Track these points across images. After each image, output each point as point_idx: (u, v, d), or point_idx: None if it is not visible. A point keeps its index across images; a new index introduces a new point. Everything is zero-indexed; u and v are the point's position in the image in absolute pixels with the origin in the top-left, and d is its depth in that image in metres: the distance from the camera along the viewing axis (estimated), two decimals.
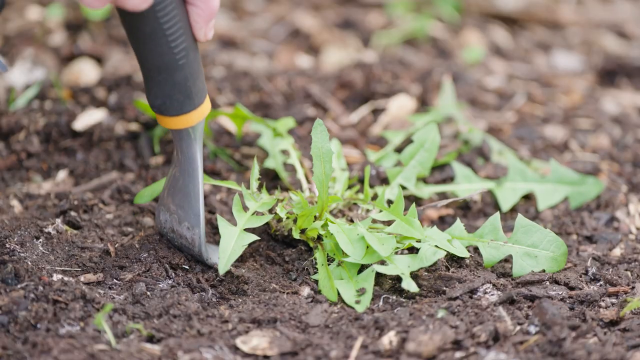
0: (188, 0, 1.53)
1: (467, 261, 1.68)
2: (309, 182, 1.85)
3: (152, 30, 1.50)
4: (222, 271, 1.58)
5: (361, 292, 1.57)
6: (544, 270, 1.64)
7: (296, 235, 1.68)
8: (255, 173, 1.68)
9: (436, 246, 1.61)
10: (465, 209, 1.92)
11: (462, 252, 1.63)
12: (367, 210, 1.74)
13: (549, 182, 1.90)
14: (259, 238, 1.63)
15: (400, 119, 2.16)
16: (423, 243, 1.60)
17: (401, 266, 1.57)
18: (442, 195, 1.90)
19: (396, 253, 1.62)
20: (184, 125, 1.59)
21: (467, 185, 1.88)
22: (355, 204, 1.77)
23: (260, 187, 1.71)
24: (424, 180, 1.91)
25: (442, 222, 1.88)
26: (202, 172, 1.64)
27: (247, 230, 1.63)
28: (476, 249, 1.72)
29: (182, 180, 1.64)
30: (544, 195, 1.89)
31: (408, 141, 1.96)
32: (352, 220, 1.73)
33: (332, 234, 1.63)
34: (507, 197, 1.88)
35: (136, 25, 1.50)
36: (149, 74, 1.55)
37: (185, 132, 1.61)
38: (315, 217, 1.67)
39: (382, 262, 1.60)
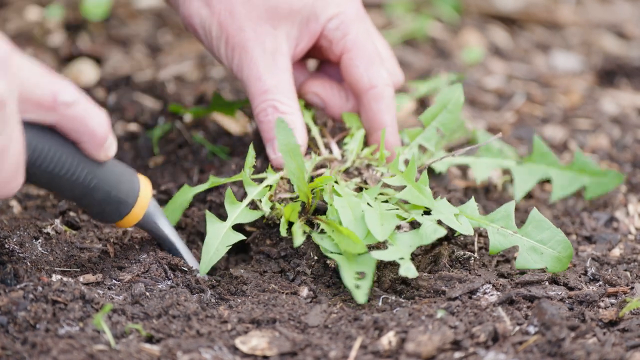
0: (73, 139, 1.48)
1: (472, 261, 1.67)
2: (323, 136, 1.80)
3: (48, 179, 1.48)
4: (202, 272, 1.58)
5: (361, 275, 1.55)
6: (544, 269, 1.63)
7: (283, 231, 1.63)
8: (250, 160, 1.67)
9: (439, 222, 1.57)
10: (485, 192, 1.91)
11: (466, 229, 1.59)
12: (382, 174, 1.71)
13: (570, 170, 1.87)
14: (245, 238, 1.62)
15: (400, 120, 2.16)
16: (425, 218, 1.56)
17: (402, 246, 1.53)
18: (463, 168, 1.88)
19: (398, 227, 1.61)
20: (133, 223, 1.60)
21: (488, 160, 1.85)
22: (370, 164, 1.74)
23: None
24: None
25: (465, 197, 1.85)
26: (180, 240, 1.66)
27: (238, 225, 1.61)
28: (481, 249, 1.71)
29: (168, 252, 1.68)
30: (561, 183, 1.85)
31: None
32: (365, 182, 1.70)
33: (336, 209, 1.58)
34: (525, 179, 1.84)
35: (31, 181, 1.49)
36: (75, 201, 1.55)
37: (140, 223, 1.61)
38: (304, 206, 1.65)
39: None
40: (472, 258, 1.68)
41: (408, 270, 1.51)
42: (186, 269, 1.65)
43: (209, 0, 1.72)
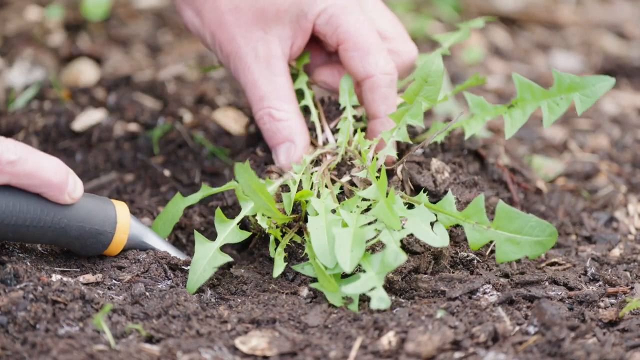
0: (33, 192, 1.50)
1: (475, 262, 1.67)
2: (319, 119, 1.80)
3: (14, 232, 1.51)
4: (189, 292, 1.59)
5: (348, 300, 1.56)
6: (527, 257, 1.59)
7: (272, 252, 1.64)
8: None
9: (403, 244, 1.57)
10: None
11: (442, 241, 1.56)
12: (367, 174, 1.69)
13: (554, 94, 1.74)
14: (232, 260, 1.62)
15: None
16: (390, 239, 1.54)
17: (374, 271, 1.53)
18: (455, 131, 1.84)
19: (374, 249, 1.61)
20: (120, 248, 1.61)
21: (482, 115, 1.79)
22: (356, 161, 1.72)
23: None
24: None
25: None
26: (174, 249, 1.67)
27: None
28: (492, 252, 1.70)
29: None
30: (550, 110, 1.73)
31: None
32: (354, 184, 1.69)
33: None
34: (516, 119, 1.75)
35: (2, 237, 1.52)
36: (52, 244, 1.57)
37: (128, 246, 1.62)
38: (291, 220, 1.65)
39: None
40: (475, 260, 1.67)
41: (381, 301, 1.51)
42: (186, 269, 1.65)
43: (199, 11, 1.72)
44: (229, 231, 1.63)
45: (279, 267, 1.61)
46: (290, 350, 1.47)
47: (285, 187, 1.70)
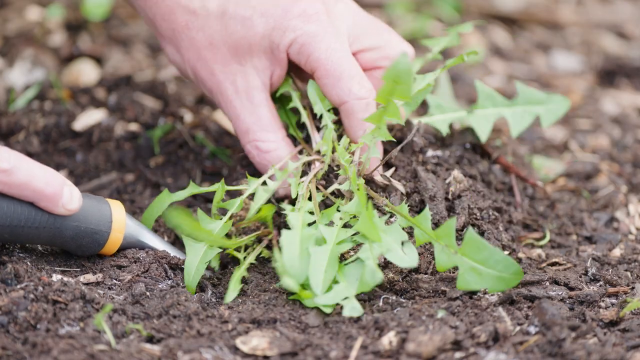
0: (26, 200, 1.51)
1: None
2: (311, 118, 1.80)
3: (9, 233, 1.51)
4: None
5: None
6: (486, 290, 1.57)
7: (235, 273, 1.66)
8: (219, 196, 1.67)
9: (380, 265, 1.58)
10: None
11: (408, 261, 1.55)
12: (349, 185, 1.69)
13: (517, 104, 1.83)
14: (222, 250, 1.63)
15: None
16: (370, 257, 1.54)
17: (349, 282, 1.54)
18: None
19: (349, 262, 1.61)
20: (116, 247, 1.61)
21: (441, 116, 1.82)
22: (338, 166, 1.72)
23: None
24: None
25: None
26: (172, 248, 1.67)
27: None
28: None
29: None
30: (515, 120, 1.82)
31: None
32: (339, 194, 1.69)
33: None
34: (482, 125, 1.82)
35: None
36: (48, 244, 1.57)
37: (125, 245, 1.63)
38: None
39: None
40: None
41: (353, 309, 1.53)
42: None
43: (178, 48, 1.73)
44: (218, 229, 1.64)
45: (231, 293, 1.61)
46: (291, 350, 1.47)
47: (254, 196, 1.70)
